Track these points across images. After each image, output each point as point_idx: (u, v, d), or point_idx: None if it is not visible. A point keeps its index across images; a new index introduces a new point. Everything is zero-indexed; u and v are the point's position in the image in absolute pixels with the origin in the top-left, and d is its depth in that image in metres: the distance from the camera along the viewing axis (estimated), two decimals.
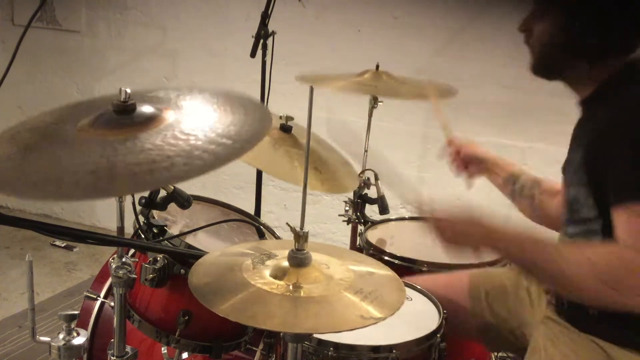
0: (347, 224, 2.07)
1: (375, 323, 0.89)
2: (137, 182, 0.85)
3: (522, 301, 1.53)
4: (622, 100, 1.22)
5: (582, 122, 1.35)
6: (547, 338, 1.35)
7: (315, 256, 1.00)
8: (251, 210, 2.05)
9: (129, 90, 1.00)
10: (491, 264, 1.75)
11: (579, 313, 1.29)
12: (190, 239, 1.43)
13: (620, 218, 1.12)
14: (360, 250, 1.91)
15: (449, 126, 1.77)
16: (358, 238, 2.01)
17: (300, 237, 0.97)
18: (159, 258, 1.32)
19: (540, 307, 1.47)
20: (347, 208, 2.04)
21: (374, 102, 2.09)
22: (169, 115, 1.01)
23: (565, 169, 1.38)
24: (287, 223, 1.01)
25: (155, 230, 1.36)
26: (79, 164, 0.88)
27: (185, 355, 1.56)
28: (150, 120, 0.99)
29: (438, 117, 1.78)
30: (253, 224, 1.65)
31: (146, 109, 1.01)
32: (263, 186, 2.54)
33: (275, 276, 0.97)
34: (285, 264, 0.99)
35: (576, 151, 1.30)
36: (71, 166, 0.89)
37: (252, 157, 1.54)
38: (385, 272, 1.08)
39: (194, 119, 1.01)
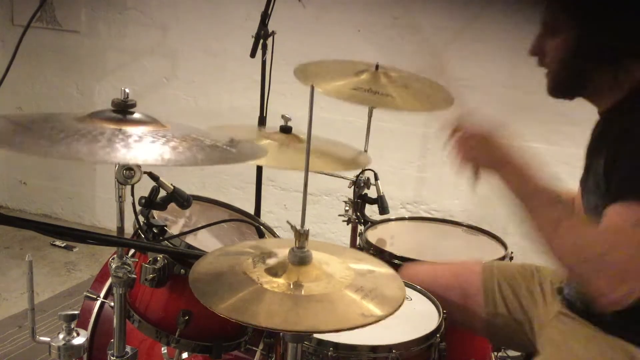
0: (347, 224, 2.07)
1: (377, 321, 0.89)
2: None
3: (534, 296, 1.53)
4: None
5: (603, 132, 1.32)
6: (565, 333, 1.35)
7: (316, 254, 1.00)
8: (251, 210, 2.05)
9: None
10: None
11: (594, 316, 1.29)
12: (190, 239, 1.43)
13: (616, 209, 1.10)
14: (360, 250, 1.91)
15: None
16: (358, 238, 2.01)
17: (301, 235, 0.97)
18: (159, 258, 1.32)
19: (553, 303, 1.47)
20: (347, 208, 2.04)
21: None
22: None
23: (585, 179, 1.36)
24: (287, 221, 1.01)
25: (155, 230, 1.36)
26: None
27: (185, 355, 1.56)
28: (145, 122, 1.02)
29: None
30: (253, 224, 1.64)
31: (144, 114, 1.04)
32: (263, 186, 2.54)
33: (275, 275, 0.97)
34: (286, 262, 0.99)
35: (597, 162, 1.27)
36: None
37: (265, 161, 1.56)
38: (386, 270, 1.08)
39: None
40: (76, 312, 1.22)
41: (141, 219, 1.35)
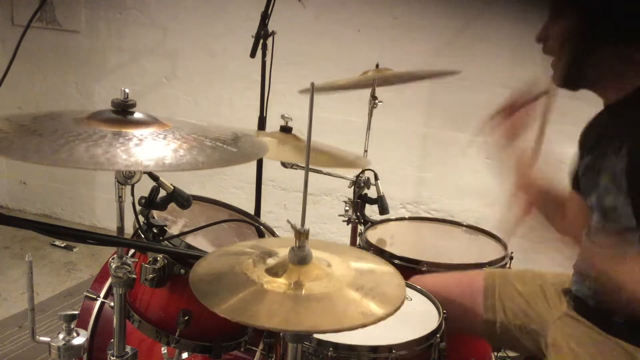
0: (347, 224, 2.07)
1: (378, 319, 0.89)
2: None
3: (536, 299, 1.53)
4: None
5: (613, 126, 1.29)
6: (570, 337, 1.35)
7: (316, 254, 1.00)
8: (251, 210, 2.04)
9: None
10: (491, 263, 1.75)
11: (604, 318, 1.28)
12: (190, 239, 1.43)
13: None
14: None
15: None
16: (358, 238, 2.01)
17: (301, 234, 0.97)
18: (158, 258, 1.32)
19: (558, 306, 1.47)
20: (347, 208, 2.04)
21: (374, 102, 2.09)
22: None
23: (588, 175, 1.34)
24: (287, 220, 1.00)
25: (155, 230, 1.36)
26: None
27: (185, 355, 1.56)
28: (145, 122, 1.02)
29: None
30: (253, 224, 1.64)
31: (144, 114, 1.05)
32: (263, 186, 2.54)
33: (276, 274, 0.96)
34: (286, 262, 0.98)
35: (609, 159, 1.24)
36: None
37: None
38: (386, 268, 1.07)
39: None
40: (76, 312, 1.21)
41: (141, 219, 1.35)
